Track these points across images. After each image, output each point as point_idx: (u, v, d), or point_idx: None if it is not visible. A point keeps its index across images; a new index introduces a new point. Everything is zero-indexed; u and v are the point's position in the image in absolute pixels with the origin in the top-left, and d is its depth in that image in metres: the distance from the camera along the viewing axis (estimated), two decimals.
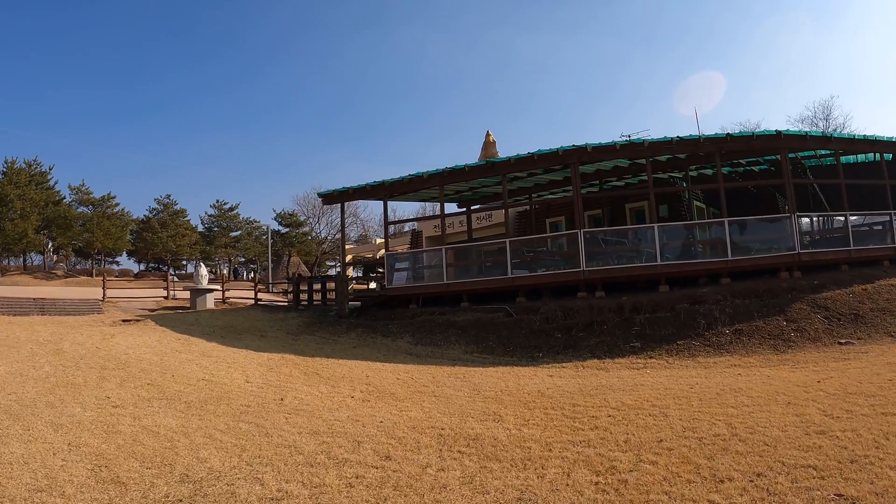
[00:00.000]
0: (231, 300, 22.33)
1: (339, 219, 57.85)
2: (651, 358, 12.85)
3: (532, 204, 23.01)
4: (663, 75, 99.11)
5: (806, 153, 18.67)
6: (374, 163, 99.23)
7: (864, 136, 16.86)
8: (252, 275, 50.44)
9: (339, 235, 52.61)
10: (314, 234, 54.61)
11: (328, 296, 21.10)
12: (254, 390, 10.02)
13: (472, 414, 8.37)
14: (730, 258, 15.95)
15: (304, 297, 22.11)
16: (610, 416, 7.87)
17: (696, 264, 15.96)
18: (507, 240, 16.61)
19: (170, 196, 60.53)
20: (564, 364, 12.72)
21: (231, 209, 59.96)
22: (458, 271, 17.69)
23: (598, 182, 21.55)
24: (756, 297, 15.16)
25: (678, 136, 15.75)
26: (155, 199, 63.58)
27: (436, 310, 17.27)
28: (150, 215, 59.65)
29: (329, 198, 19.25)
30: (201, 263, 21.88)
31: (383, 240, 43.35)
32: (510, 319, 15.65)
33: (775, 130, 15.99)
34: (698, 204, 22.38)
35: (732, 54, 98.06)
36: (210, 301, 20.71)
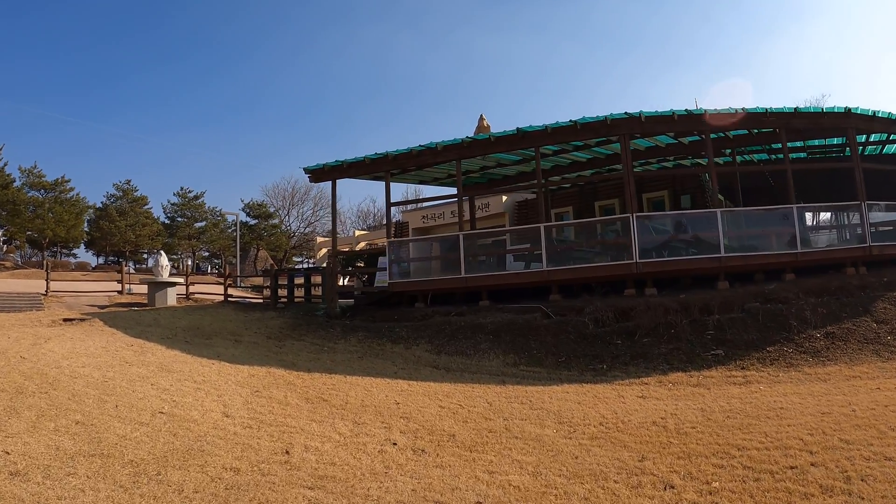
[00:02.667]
0: (196, 296, 18.28)
1: (311, 211, 54.60)
2: (744, 369, 9.76)
3: (545, 187, 19.53)
4: (621, 76, 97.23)
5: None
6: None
7: None
8: (219, 269, 45.29)
9: (308, 229, 48.37)
10: (284, 226, 49.94)
11: (313, 292, 17.31)
12: (240, 433, 6.37)
13: (609, 475, 5.15)
14: (799, 251, 12.93)
15: (282, 293, 18.22)
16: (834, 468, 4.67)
17: (762, 257, 12.91)
18: (542, 225, 13.15)
19: (129, 182, 53.58)
20: (644, 379, 9.47)
21: (196, 197, 52.86)
22: (477, 264, 14.15)
23: (619, 166, 18.20)
24: (830, 296, 12.25)
25: (743, 108, 12.64)
26: (114, 185, 55.14)
27: (450, 309, 13.73)
28: (109, 202, 52.65)
29: (318, 174, 15.47)
30: (162, 252, 17.74)
31: (364, 231, 39.63)
32: (550, 322, 12.25)
33: (845, 107, 13.02)
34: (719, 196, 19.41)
35: (691, 58, 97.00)
36: (172, 297, 16.65)
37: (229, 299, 18.00)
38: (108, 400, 7.25)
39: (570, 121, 12.91)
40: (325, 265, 33.17)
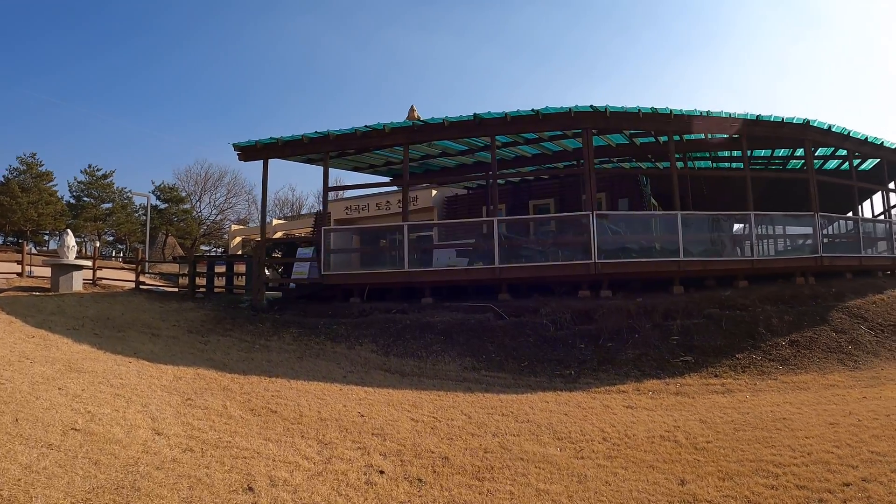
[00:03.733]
0: (104, 282, 15.95)
1: (224, 198, 50.76)
2: (718, 377, 9.37)
3: (491, 181, 18.57)
4: (538, 83, 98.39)
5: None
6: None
7: (875, 138, 14.36)
8: (125, 255, 40.70)
9: (220, 217, 45.13)
10: (196, 213, 46.16)
11: (235, 282, 15.49)
12: (181, 459, 5.01)
13: None
14: (754, 258, 12.79)
15: (199, 282, 16.25)
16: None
17: (721, 263, 12.59)
18: (495, 219, 12.19)
19: (35, 155, 47.15)
20: (620, 387, 8.81)
21: (105, 176, 46.97)
22: (422, 258, 13.01)
23: (567, 163, 17.58)
24: (784, 304, 12.21)
25: (708, 111, 12.27)
26: (18, 158, 47.90)
27: (390, 306, 12.54)
28: (11, 176, 46.31)
29: (249, 151, 13.73)
30: (69, 231, 15.30)
31: (282, 220, 37.26)
32: (504, 323, 11.33)
33: (804, 119, 12.98)
34: (653, 201, 19.32)
35: (604, 68, 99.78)
36: (78, 282, 14.32)
37: (141, 287, 15.84)
38: (5, 411, 5.61)
39: (533, 110, 12.04)
40: (240, 253, 30.93)
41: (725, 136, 13.35)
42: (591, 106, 11.91)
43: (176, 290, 16.07)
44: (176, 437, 5.51)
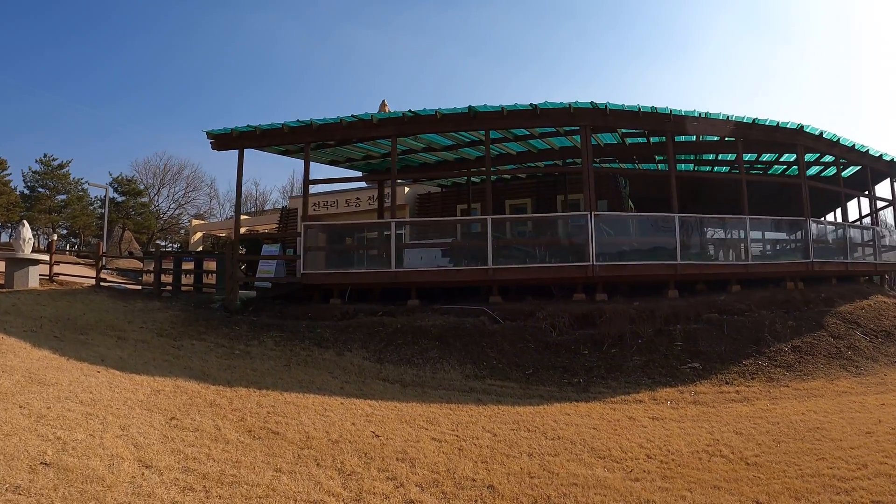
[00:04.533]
0: (61, 278, 14.50)
1: (182, 192, 47.88)
2: (729, 384, 9.03)
3: (471, 178, 17.76)
4: (497, 83, 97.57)
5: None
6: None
7: (861, 146, 14.27)
8: (79, 249, 37.69)
9: (178, 211, 42.91)
10: (154, 206, 43.49)
11: (204, 280, 14.27)
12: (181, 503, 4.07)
13: None
14: (749, 262, 12.45)
15: (165, 279, 14.95)
16: None
17: (716, 266, 12.25)
18: (489, 217, 11.46)
19: None
20: (635, 396, 8.35)
21: (61, 167, 42.62)
22: (410, 256, 12.17)
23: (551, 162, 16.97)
24: (779, 309, 11.99)
25: (707, 112, 11.88)
26: None
27: (375, 308, 11.69)
28: None
29: (223, 140, 12.60)
30: (25, 223, 13.84)
31: (244, 216, 35.53)
32: (501, 327, 10.66)
33: (798, 124, 12.72)
34: (630, 203, 18.95)
35: (564, 72, 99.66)
36: (34, 277, 12.89)
37: (102, 284, 14.47)
38: None
39: (531, 104, 11.38)
40: (200, 249, 29.27)
41: (718, 137, 12.99)
42: (592, 102, 11.33)
43: (139, 287, 14.77)
44: (169, 470, 4.59)
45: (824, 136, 13.11)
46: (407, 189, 20.68)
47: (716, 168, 17.17)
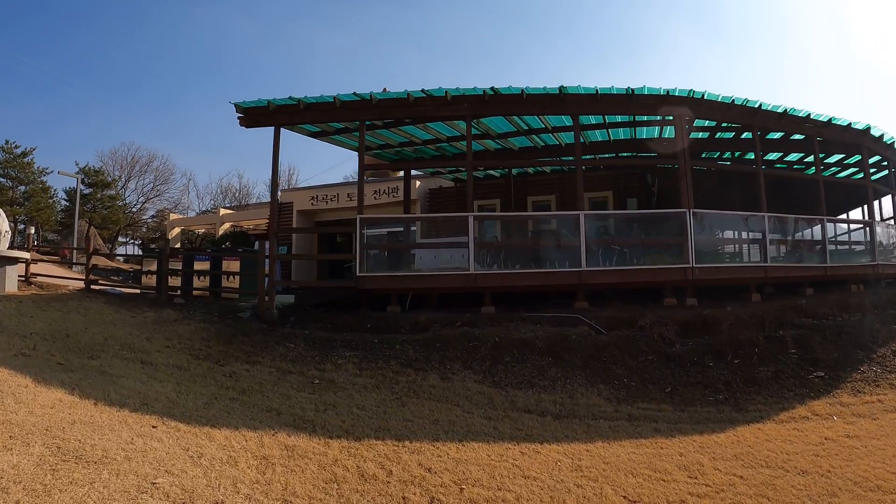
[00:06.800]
0: (39, 279, 10.68)
1: (151, 185, 40.96)
2: (862, 393, 7.24)
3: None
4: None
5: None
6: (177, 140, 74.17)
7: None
8: (38, 245, 30.89)
9: (147, 205, 37.28)
10: (121, 200, 36.76)
11: (223, 283, 10.88)
12: None
13: None
14: (827, 265, 10.65)
15: (148, 280, 11.44)
16: None
17: (801, 269, 10.34)
18: (582, 213, 9.01)
19: None
20: (796, 411, 6.48)
21: (24, 154, 34.12)
22: (488, 257, 9.51)
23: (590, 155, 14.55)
24: (855, 312, 10.22)
25: (794, 108, 10.05)
26: None
27: (448, 317, 8.95)
28: None
29: (255, 115, 9.36)
30: (1, 213, 9.96)
31: (229, 210, 31.03)
32: (606, 338, 8.23)
33: (866, 125, 11.12)
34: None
35: (519, 74, 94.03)
36: (13, 280, 9.21)
37: (93, 287, 10.76)
38: None
39: (628, 89, 9.04)
40: (178, 246, 25.00)
41: (801, 136, 11.15)
42: (691, 90, 9.16)
43: (137, 291, 11.16)
44: None
45: (884, 139, 11.61)
46: (419, 183, 17.75)
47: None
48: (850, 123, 10.94)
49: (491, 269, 9.34)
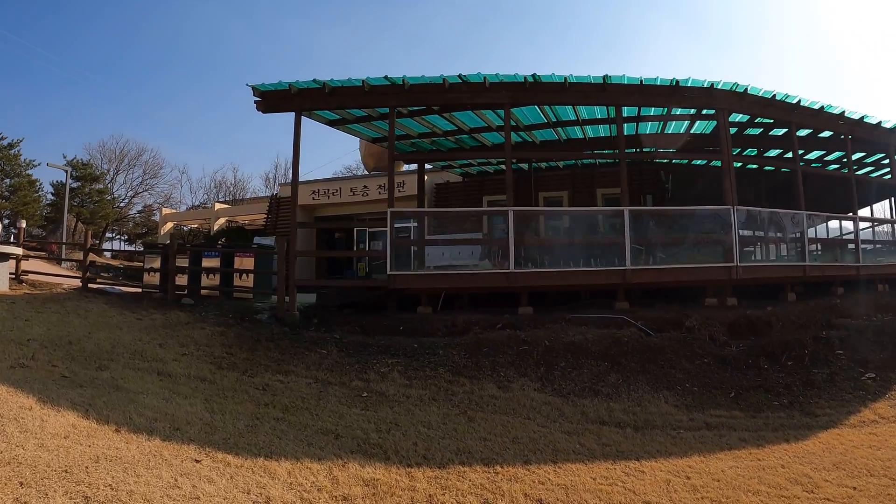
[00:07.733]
0: (30, 277, 9.34)
1: (140, 179, 38.11)
2: None
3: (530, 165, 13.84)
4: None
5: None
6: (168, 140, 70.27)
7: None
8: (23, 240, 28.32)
9: (135, 199, 35.18)
10: (109, 194, 34.23)
11: (236, 281, 9.70)
12: None
13: None
14: (860, 264, 10.07)
15: (149, 279, 10.23)
16: None
17: (838, 268, 9.71)
18: (626, 208, 8.19)
19: None
20: (863, 415, 5.83)
21: (11, 146, 30.55)
22: (527, 254, 8.59)
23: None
24: (890, 312, 9.65)
25: (830, 104, 9.46)
26: None
27: (485, 319, 8.01)
28: None
29: (274, 99, 8.29)
30: None
31: (224, 205, 29.34)
32: (659, 340, 7.41)
33: (894, 124, 10.55)
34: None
35: (495, 67, 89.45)
36: (4, 277, 7.95)
37: (90, 286, 9.48)
38: None
39: (673, 80, 8.23)
40: (168, 242, 23.28)
41: (831, 133, 10.50)
42: (735, 84, 8.41)
43: (139, 290, 9.90)
44: None
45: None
46: (426, 177, 16.71)
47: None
48: (879, 122, 10.38)
49: (527, 267, 8.43)
